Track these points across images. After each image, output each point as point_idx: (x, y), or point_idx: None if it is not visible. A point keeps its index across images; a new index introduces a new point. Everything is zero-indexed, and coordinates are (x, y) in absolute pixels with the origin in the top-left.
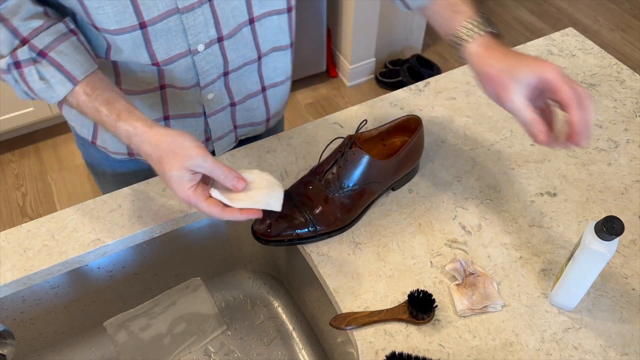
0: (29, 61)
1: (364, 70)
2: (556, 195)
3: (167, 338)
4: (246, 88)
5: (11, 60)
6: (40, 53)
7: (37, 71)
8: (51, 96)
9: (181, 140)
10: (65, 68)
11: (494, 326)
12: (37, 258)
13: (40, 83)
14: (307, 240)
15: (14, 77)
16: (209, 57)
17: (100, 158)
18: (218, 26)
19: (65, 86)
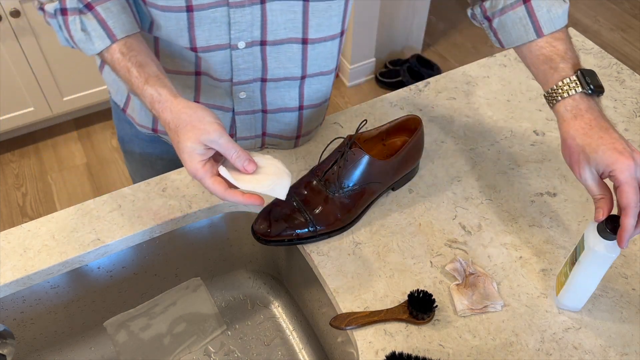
0: (75, 10)
1: (364, 70)
2: (556, 195)
3: (167, 338)
4: (283, 101)
5: (59, 5)
6: (87, 5)
7: (81, 21)
8: (89, 48)
9: (202, 114)
10: (108, 24)
11: (494, 326)
12: (37, 258)
13: (81, 33)
14: (307, 240)
15: (58, 23)
16: (247, 57)
17: (131, 135)
18: (264, 30)
19: (103, 41)
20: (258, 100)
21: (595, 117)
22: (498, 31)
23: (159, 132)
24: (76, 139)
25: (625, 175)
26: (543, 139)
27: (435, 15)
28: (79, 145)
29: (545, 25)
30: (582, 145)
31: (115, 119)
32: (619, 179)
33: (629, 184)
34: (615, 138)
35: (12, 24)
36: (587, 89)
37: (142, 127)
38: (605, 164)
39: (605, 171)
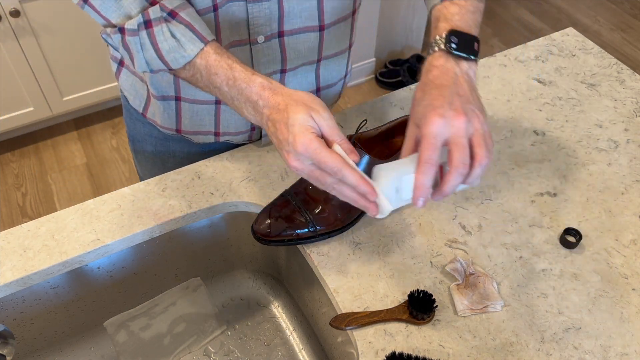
0: (160, 20)
1: (364, 70)
2: (556, 195)
3: (167, 338)
4: (300, 86)
5: (142, 19)
6: (171, 12)
7: (169, 29)
8: (181, 55)
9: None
10: (196, 27)
11: (494, 326)
12: (37, 258)
13: (171, 41)
14: (307, 240)
15: (141, 40)
16: (266, 50)
17: (144, 134)
18: (281, 21)
19: (195, 45)
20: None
21: (442, 75)
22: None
23: (182, 133)
24: (76, 139)
25: (426, 130)
26: (543, 139)
27: None
28: (79, 145)
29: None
30: (416, 98)
31: (127, 118)
32: (421, 132)
33: (426, 139)
34: (442, 95)
35: (12, 24)
36: (448, 47)
37: (165, 129)
38: (419, 117)
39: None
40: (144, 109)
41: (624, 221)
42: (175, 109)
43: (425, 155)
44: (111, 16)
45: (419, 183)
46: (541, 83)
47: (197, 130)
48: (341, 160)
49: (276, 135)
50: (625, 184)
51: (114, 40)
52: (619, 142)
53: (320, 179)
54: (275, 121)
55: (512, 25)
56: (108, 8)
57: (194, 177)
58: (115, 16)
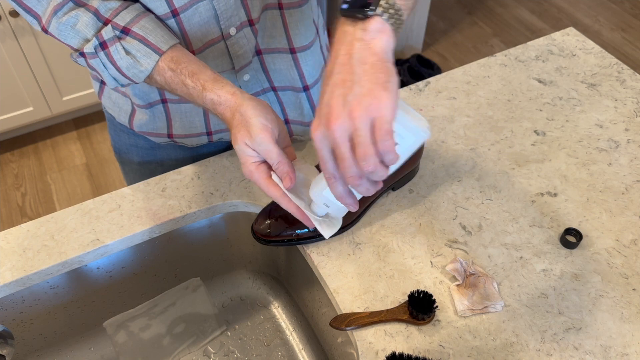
0: (114, 39)
1: None
2: (557, 196)
3: (166, 338)
4: (286, 78)
5: (97, 41)
6: (123, 30)
7: (123, 47)
8: (140, 71)
9: (250, 115)
10: (149, 40)
11: (495, 326)
12: (37, 258)
13: (127, 58)
14: (307, 240)
15: (102, 61)
16: (241, 41)
17: (129, 145)
18: (247, 9)
19: (151, 58)
20: (262, 76)
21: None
22: None
23: (174, 137)
24: (75, 138)
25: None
26: (544, 139)
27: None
28: (79, 145)
29: None
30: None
31: (111, 130)
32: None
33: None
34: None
35: (12, 24)
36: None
37: (156, 137)
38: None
39: None
40: (130, 122)
41: (624, 221)
42: (165, 113)
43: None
44: (71, 42)
45: (337, 196)
46: (541, 83)
47: (189, 133)
48: (279, 192)
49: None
50: (625, 184)
51: (80, 63)
52: (619, 142)
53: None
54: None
55: (513, 25)
56: (66, 35)
57: (194, 177)
58: (74, 42)
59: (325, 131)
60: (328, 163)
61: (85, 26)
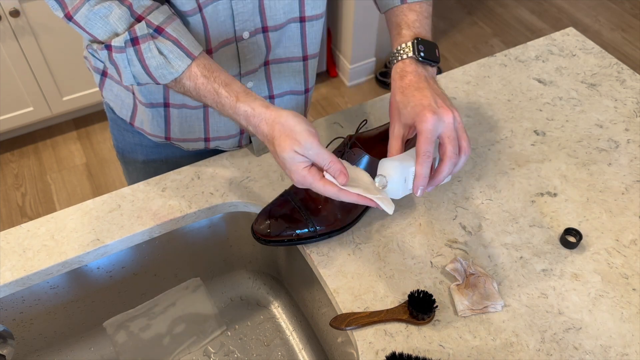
0: (147, 36)
1: (364, 70)
2: (556, 196)
3: (166, 338)
4: (289, 84)
5: (129, 36)
6: (157, 29)
7: (156, 46)
8: (169, 72)
9: (293, 124)
10: (182, 43)
11: (494, 326)
12: (37, 258)
13: (159, 58)
14: (307, 240)
15: (128, 56)
16: (252, 46)
17: (133, 144)
18: (263, 16)
19: (183, 61)
20: (264, 86)
21: (417, 79)
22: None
23: (172, 140)
24: (75, 139)
25: (422, 127)
26: (543, 139)
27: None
28: (79, 145)
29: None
30: (398, 101)
31: (114, 130)
32: (417, 129)
33: (423, 135)
34: (426, 96)
35: (12, 24)
36: (417, 55)
37: (153, 137)
38: (411, 117)
39: (412, 124)
40: (132, 118)
41: (624, 221)
42: (164, 116)
43: (423, 148)
44: (97, 33)
45: (418, 173)
46: (541, 83)
47: (187, 137)
48: (336, 188)
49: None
50: (625, 184)
51: (101, 56)
52: (619, 142)
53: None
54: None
55: (513, 25)
56: (94, 25)
57: (194, 177)
58: (101, 33)
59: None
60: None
61: (118, 19)
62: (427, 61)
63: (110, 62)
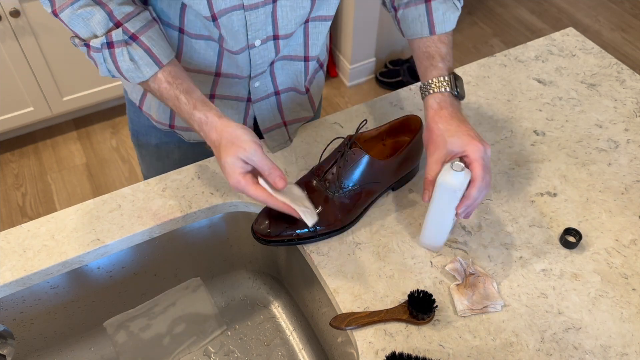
0: (122, 43)
1: (364, 70)
2: (556, 195)
3: (166, 338)
4: (291, 81)
5: (105, 40)
6: (132, 36)
7: (128, 52)
8: (137, 76)
9: (240, 133)
10: (153, 52)
11: (494, 326)
12: (37, 258)
13: (129, 63)
14: (307, 240)
15: (104, 56)
16: (263, 52)
17: (147, 127)
18: (276, 26)
19: (151, 68)
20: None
21: (456, 111)
22: (400, 21)
23: (175, 128)
24: (76, 139)
25: (476, 155)
26: (543, 139)
27: None
28: (79, 145)
29: (438, 26)
30: (443, 129)
31: (131, 112)
32: (470, 157)
33: (478, 162)
34: (470, 128)
35: (12, 24)
36: (454, 90)
37: (159, 123)
38: (460, 145)
39: (459, 152)
40: (141, 101)
41: (624, 221)
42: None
43: (480, 174)
44: (79, 32)
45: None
46: (541, 83)
47: (189, 127)
48: (266, 193)
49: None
50: (625, 184)
51: (82, 50)
52: (619, 142)
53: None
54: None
55: (512, 25)
56: (76, 24)
57: (194, 177)
58: (82, 32)
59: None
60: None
61: (97, 23)
62: (459, 95)
63: (88, 56)
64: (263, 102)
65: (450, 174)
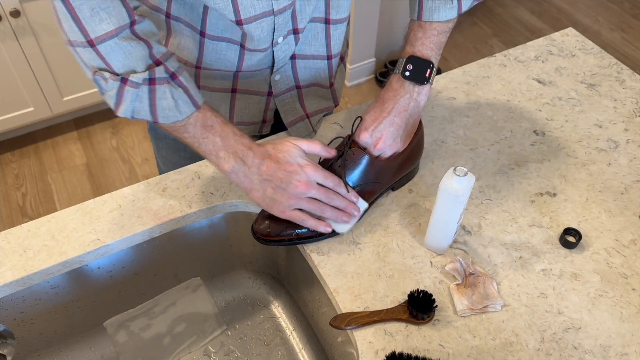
0: (163, 80)
1: (364, 70)
2: (556, 195)
3: (167, 338)
4: (314, 78)
5: (149, 76)
6: (172, 75)
7: (169, 90)
8: (174, 115)
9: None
10: (191, 92)
11: (494, 326)
12: (37, 258)
13: (170, 101)
14: (307, 240)
15: (140, 93)
16: (284, 47)
17: None
18: (295, 20)
19: (189, 108)
20: (291, 78)
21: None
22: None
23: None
24: (76, 139)
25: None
26: (543, 139)
27: None
28: (79, 145)
29: (425, 13)
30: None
31: None
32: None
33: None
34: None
35: (12, 24)
36: (403, 73)
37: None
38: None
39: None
40: None
41: (623, 221)
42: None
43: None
44: (115, 65)
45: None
46: (541, 83)
47: None
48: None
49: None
50: (625, 184)
51: (108, 85)
52: (618, 142)
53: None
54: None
55: (512, 25)
56: (115, 56)
57: (194, 177)
58: (119, 66)
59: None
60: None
61: (140, 58)
62: (411, 80)
63: (116, 92)
64: (284, 95)
65: (453, 179)
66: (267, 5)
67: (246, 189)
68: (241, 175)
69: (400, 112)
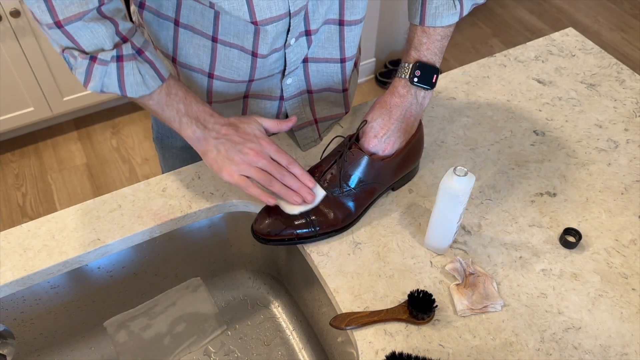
0: (131, 57)
1: (364, 70)
2: (556, 195)
3: (167, 338)
4: (327, 83)
5: (117, 53)
6: (138, 50)
7: (137, 66)
8: (142, 89)
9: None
10: (156, 65)
11: (494, 326)
12: (37, 258)
13: (137, 76)
14: (307, 240)
15: (108, 69)
16: (296, 49)
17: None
18: (307, 21)
19: (155, 82)
20: (302, 82)
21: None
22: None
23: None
24: (76, 139)
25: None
26: (543, 139)
27: None
28: (79, 145)
29: (428, 18)
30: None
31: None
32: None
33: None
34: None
35: (12, 24)
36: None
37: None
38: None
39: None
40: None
41: (623, 221)
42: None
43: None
44: (84, 44)
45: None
46: (541, 83)
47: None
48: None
49: (232, 137)
50: (625, 184)
51: (78, 63)
52: (618, 142)
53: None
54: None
55: (512, 25)
56: (82, 36)
57: (194, 177)
58: (88, 45)
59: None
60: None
61: (107, 36)
62: (419, 85)
63: (85, 69)
64: (294, 99)
65: (453, 179)
66: (284, 7)
67: (202, 151)
68: (202, 139)
69: (407, 118)
